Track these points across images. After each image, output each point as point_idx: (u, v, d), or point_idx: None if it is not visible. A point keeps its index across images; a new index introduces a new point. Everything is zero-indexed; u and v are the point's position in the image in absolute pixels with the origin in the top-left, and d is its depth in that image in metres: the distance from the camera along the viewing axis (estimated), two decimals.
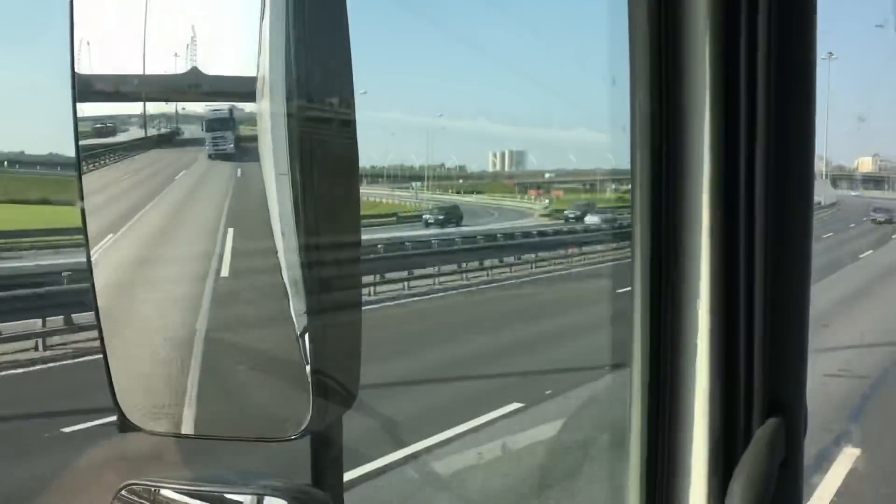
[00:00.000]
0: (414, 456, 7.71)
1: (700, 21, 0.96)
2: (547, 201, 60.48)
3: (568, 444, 7.18)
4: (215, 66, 1.17)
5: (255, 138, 1.29)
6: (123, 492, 1.06)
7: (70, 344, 12.95)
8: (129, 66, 1.13)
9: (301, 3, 0.89)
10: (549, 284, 23.06)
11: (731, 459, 1.05)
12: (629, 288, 1.14)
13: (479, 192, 71.19)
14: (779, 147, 0.99)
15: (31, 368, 11.92)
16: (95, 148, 1.13)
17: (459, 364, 12.36)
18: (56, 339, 13.02)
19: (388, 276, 20.41)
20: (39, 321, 13.15)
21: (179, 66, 1.12)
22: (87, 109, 1.10)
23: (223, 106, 1.30)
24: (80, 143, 1.08)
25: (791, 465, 1.10)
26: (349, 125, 0.93)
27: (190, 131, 1.32)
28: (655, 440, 1.09)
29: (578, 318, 14.58)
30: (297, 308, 1.09)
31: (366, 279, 19.43)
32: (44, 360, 12.24)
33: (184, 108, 1.29)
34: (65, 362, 12.23)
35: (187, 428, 1.05)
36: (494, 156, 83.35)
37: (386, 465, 7.27)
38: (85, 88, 1.07)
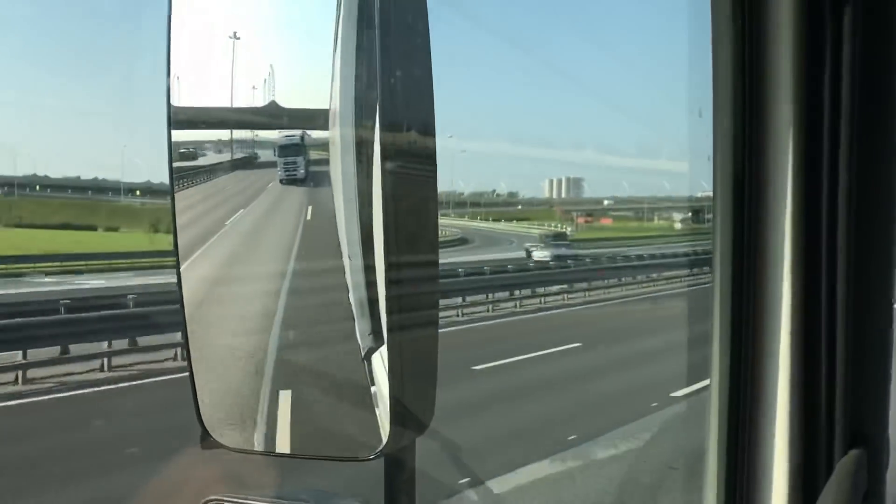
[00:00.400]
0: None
1: (784, 45, 0.96)
2: (569, 229, 59.28)
3: (643, 468, 7.08)
4: (292, 98, 1.22)
5: (325, 162, 1.34)
6: None
7: (134, 366, 13.33)
8: (214, 99, 1.19)
9: (385, 30, 0.90)
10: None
11: (812, 490, 1.02)
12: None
13: (523, 219, 70.20)
14: (861, 174, 0.97)
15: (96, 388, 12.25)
16: (184, 170, 1.18)
17: None
18: (119, 361, 13.37)
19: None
20: (105, 343, 13.54)
21: (258, 100, 1.17)
22: (178, 136, 1.15)
23: (295, 132, 1.36)
24: (173, 164, 1.13)
25: (874, 498, 1.07)
26: (429, 151, 0.94)
27: (265, 156, 1.39)
28: (734, 470, 1.07)
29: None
30: (374, 330, 1.11)
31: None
32: (108, 381, 12.59)
33: (257, 135, 1.35)
34: (130, 383, 12.55)
35: (267, 446, 1.08)
36: (551, 182, 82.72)
37: None
38: (175, 117, 1.12)
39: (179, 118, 1.14)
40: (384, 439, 0.93)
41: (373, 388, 1.06)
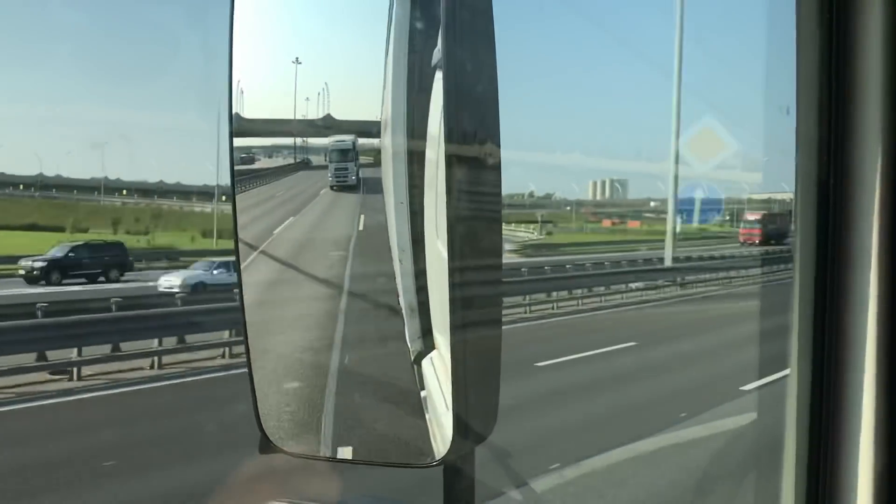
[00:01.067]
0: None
1: (873, 39, 0.93)
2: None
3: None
4: (346, 110, 1.25)
5: (377, 167, 1.34)
6: None
7: (182, 363, 13.59)
8: (274, 111, 1.21)
9: (450, 35, 0.89)
10: None
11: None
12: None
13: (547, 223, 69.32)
14: None
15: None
16: (244, 174, 1.19)
17: None
18: (169, 359, 13.65)
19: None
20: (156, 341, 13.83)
21: (312, 112, 1.18)
22: (238, 142, 1.17)
23: (346, 137, 1.36)
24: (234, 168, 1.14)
25: None
26: (493, 155, 0.92)
27: (318, 162, 1.42)
28: (815, 472, 1.04)
29: None
30: (423, 334, 1.10)
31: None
32: (157, 378, 12.84)
33: (309, 143, 1.39)
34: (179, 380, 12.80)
35: (326, 451, 1.08)
36: (595, 184, 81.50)
37: None
38: (237, 126, 1.13)
39: (241, 128, 1.15)
40: (445, 447, 0.92)
41: (422, 393, 1.06)
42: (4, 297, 18.68)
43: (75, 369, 12.54)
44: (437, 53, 0.90)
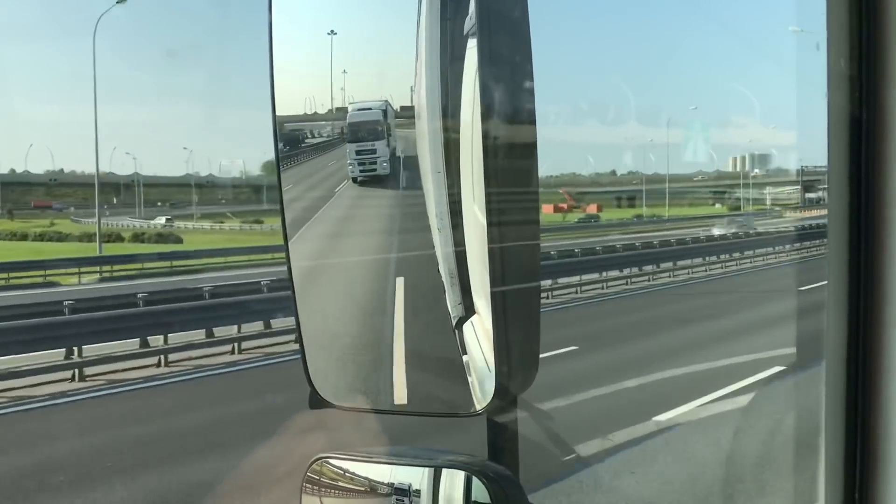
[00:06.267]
0: None
1: None
2: None
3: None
4: (379, 82, 1.15)
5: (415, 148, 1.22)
6: (315, 465, 1.13)
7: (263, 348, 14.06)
8: (306, 106, 1.16)
9: (484, 18, 0.87)
10: None
11: None
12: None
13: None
14: None
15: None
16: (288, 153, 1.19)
17: None
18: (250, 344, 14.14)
19: None
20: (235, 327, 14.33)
21: (349, 86, 1.15)
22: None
23: (373, 103, 1.06)
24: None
25: None
26: (530, 134, 0.91)
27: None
28: (851, 464, 1.01)
29: None
30: (464, 300, 1.10)
31: None
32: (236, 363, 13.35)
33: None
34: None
35: (375, 403, 1.11)
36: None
37: None
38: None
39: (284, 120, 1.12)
40: (489, 395, 0.94)
41: (465, 358, 1.07)
42: None
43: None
44: (470, 21, 0.90)
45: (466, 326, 1.11)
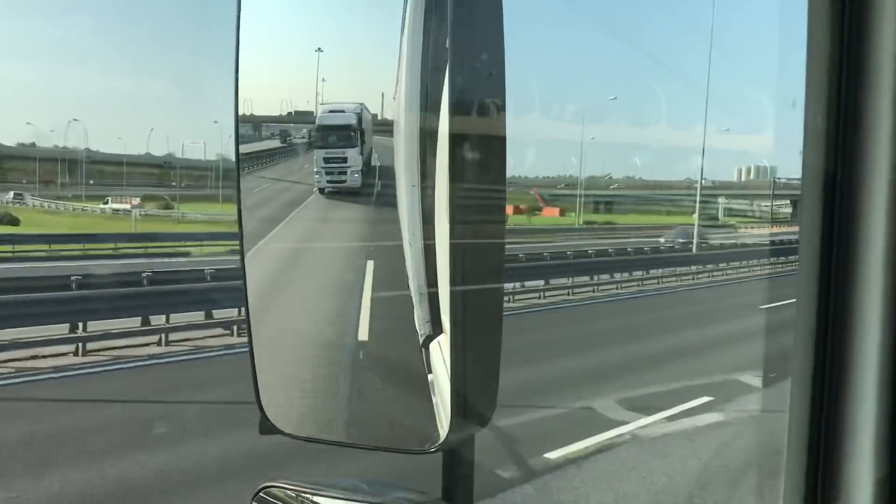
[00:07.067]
0: None
1: (885, 39, 0.90)
2: None
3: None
4: (362, 91, 1.11)
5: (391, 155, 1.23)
6: (262, 493, 1.09)
7: None
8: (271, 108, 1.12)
9: (460, 16, 0.86)
10: None
11: None
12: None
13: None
14: None
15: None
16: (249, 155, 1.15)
17: None
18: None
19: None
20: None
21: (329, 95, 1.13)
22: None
23: (346, 105, 0.99)
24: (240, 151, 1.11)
25: None
26: (499, 137, 0.90)
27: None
28: (813, 479, 1.02)
29: None
30: (433, 317, 1.08)
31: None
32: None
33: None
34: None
35: (326, 434, 1.07)
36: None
37: None
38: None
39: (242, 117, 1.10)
40: (444, 432, 0.91)
41: (430, 377, 1.05)
42: None
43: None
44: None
45: (433, 345, 1.09)
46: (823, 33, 0.95)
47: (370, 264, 1.00)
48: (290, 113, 1.08)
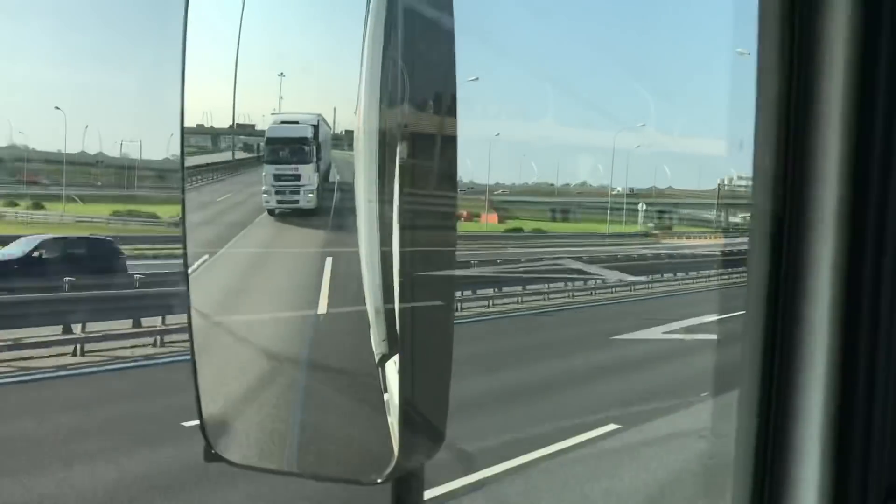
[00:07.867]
0: None
1: (833, 83, 0.91)
2: None
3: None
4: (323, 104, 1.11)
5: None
6: None
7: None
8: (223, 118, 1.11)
9: (410, 20, 0.84)
10: None
11: None
12: None
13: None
14: None
15: None
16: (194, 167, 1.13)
17: None
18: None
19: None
20: None
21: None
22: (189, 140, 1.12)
23: (302, 116, 0.95)
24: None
25: None
26: (449, 155, 0.87)
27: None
28: (761, 489, 1.02)
29: None
30: (389, 338, 1.07)
31: None
32: None
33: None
34: None
35: (272, 463, 1.04)
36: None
37: None
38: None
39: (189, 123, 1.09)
40: (392, 463, 0.89)
41: (385, 396, 1.03)
42: None
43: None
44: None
45: (389, 364, 1.07)
46: (772, 75, 0.95)
47: (324, 287, 0.99)
48: (237, 125, 1.08)
